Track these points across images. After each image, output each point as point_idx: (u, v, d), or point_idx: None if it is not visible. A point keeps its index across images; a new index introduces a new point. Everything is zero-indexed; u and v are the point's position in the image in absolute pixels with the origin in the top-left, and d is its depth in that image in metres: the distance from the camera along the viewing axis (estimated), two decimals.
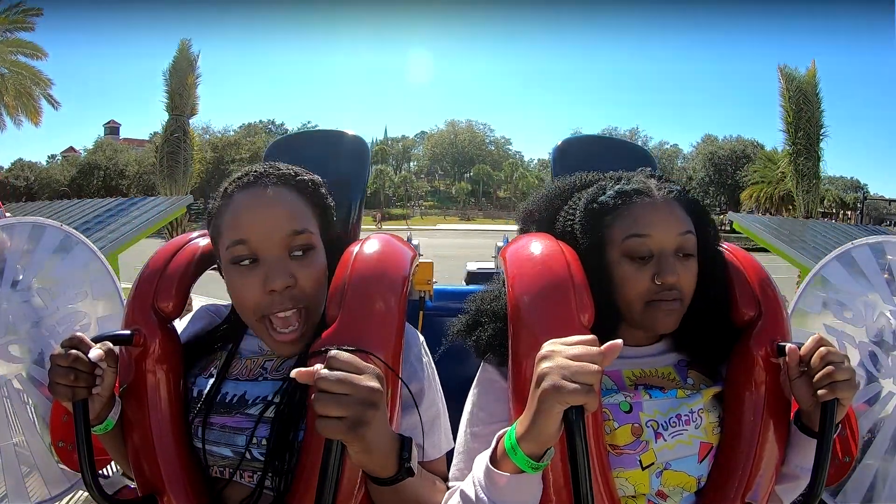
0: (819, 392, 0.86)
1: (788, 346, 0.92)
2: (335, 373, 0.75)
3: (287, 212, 0.97)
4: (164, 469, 0.97)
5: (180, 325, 1.13)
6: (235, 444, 0.97)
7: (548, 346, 0.80)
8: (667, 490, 0.96)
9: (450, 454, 1.06)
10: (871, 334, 1.19)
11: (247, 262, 0.96)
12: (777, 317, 1.00)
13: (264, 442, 0.95)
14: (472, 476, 0.89)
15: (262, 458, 0.95)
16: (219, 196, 1.02)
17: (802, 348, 0.89)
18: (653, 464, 0.95)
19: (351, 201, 1.30)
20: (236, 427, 0.98)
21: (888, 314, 1.18)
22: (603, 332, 0.94)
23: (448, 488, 1.00)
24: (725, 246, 1.12)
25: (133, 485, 1.05)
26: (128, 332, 0.99)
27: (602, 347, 0.77)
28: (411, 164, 55.28)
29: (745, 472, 0.94)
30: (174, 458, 0.98)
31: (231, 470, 0.98)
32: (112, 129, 46.58)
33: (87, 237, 1.41)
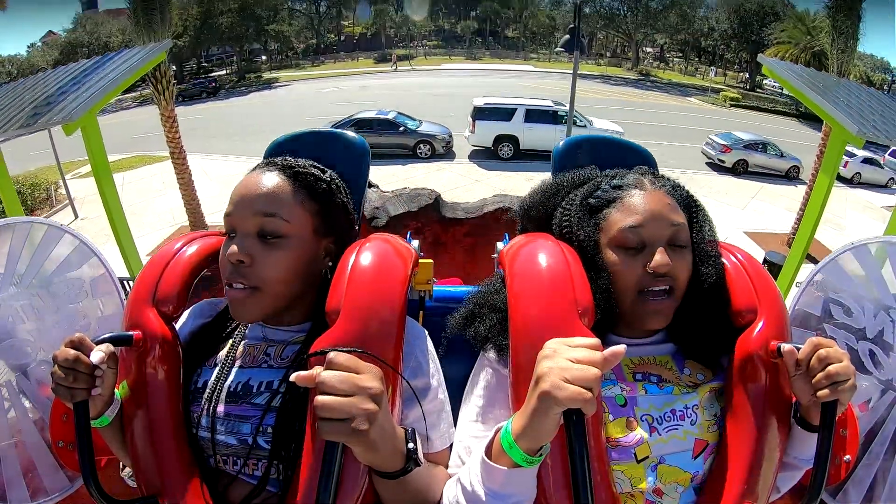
0: (819, 393, 0.86)
1: (785, 347, 0.93)
2: (335, 374, 0.76)
3: (265, 194, 1.03)
4: (165, 469, 0.98)
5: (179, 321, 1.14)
6: (241, 432, 0.99)
7: (549, 346, 0.81)
8: (663, 486, 0.97)
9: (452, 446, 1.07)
10: (871, 334, 1.19)
11: (229, 233, 1.02)
12: (777, 317, 1.01)
13: (270, 430, 0.97)
14: (468, 468, 0.91)
15: (267, 446, 0.97)
16: None
17: (800, 351, 0.90)
18: (647, 457, 0.97)
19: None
20: (242, 416, 1.00)
21: (888, 314, 1.18)
22: (600, 326, 0.97)
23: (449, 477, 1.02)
24: (726, 247, 1.14)
25: (134, 485, 1.06)
26: (128, 333, 1.00)
27: (605, 353, 0.78)
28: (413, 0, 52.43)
29: (746, 470, 0.95)
30: (176, 459, 0.99)
31: (235, 458, 1.00)
32: (90, 2, 43.51)
33: (62, 100, 1.39)
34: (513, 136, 16.63)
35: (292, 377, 0.78)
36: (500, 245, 1.32)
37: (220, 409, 1.01)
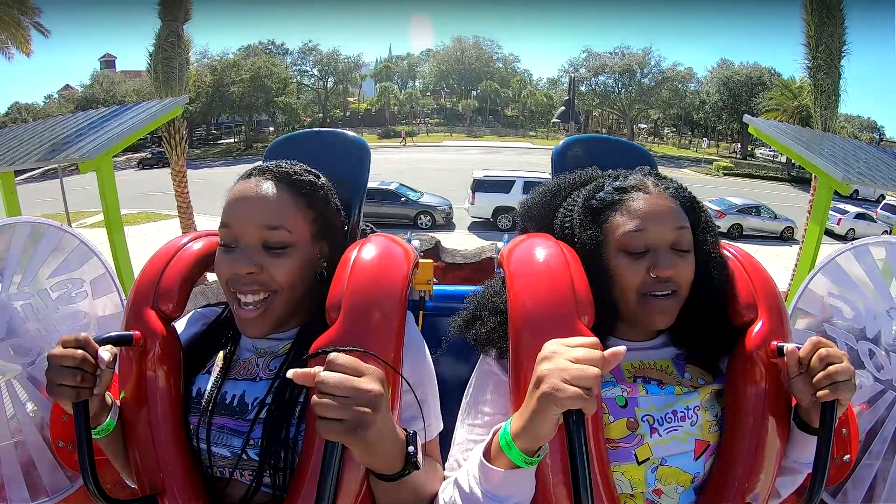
0: (819, 393, 0.86)
1: (788, 347, 0.92)
2: (335, 375, 0.76)
3: (267, 206, 1.02)
4: (164, 469, 0.97)
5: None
6: (232, 444, 0.99)
7: (549, 347, 0.81)
8: (663, 487, 0.96)
9: (443, 438, 1.07)
10: (871, 334, 1.19)
11: (228, 246, 1.01)
12: (777, 317, 1.01)
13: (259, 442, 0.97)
14: (466, 469, 0.90)
15: (258, 458, 0.96)
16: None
17: (801, 350, 0.90)
18: (648, 458, 0.96)
19: (350, 202, 1.32)
20: (234, 429, 0.99)
21: (888, 314, 1.18)
22: (601, 329, 0.96)
23: (445, 476, 1.00)
24: (725, 246, 1.14)
25: (133, 485, 1.04)
26: (128, 332, 1.00)
27: (605, 353, 0.78)
28: (416, 82, 53.90)
29: (745, 471, 0.94)
30: (175, 458, 0.98)
31: (230, 469, 0.99)
32: (108, 62, 45.42)
33: (80, 141, 1.40)
34: (512, 208, 16.63)
35: (289, 373, 0.77)
36: (500, 245, 1.32)
37: (216, 421, 1.01)
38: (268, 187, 1.04)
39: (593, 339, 0.82)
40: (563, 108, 11.46)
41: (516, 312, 0.95)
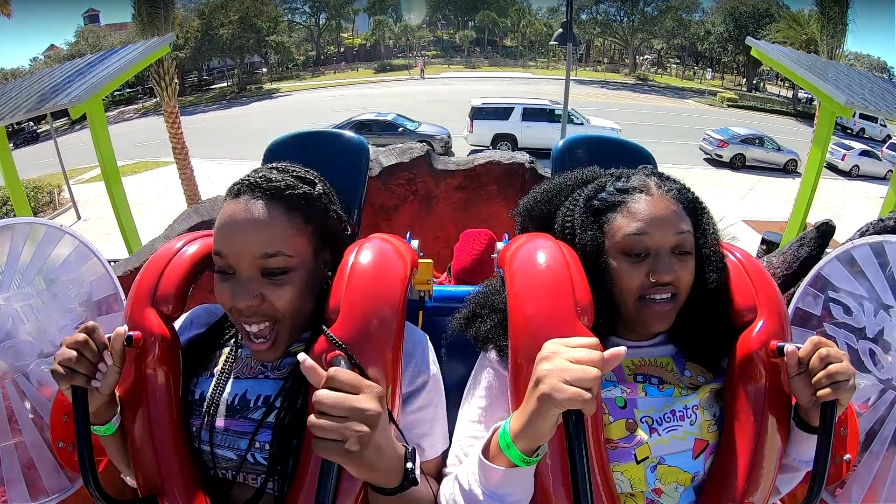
0: (819, 392, 0.86)
1: (788, 346, 0.92)
2: (332, 395, 0.75)
3: (261, 234, 0.96)
4: (164, 469, 0.98)
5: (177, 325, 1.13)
6: (238, 447, 0.99)
7: (549, 347, 0.81)
8: (663, 486, 0.97)
9: (445, 452, 1.07)
10: (871, 334, 1.19)
11: (225, 272, 0.97)
12: (777, 316, 1.01)
13: (267, 447, 0.97)
14: (466, 467, 0.92)
15: (265, 462, 0.97)
16: (222, 199, 1.03)
17: (801, 350, 0.90)
18: (647, 458, 0.97)
19: (349, 202, 1.30)
20: (239, 431, 0.99)
21: (888, 314, 1.18)
22: (600, 329, 0.96)
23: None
24: (725, 246, 1.13)
25: (134, 485, 1.06)
26: (128, 333, 0.99)
27: (605, 354, 0.78)
28: (411, 14, 51.91)
29: (746, 470, 0.95)
30: (175, 458, 0.99)
31: (234, 472, 0.99)
32: (91, 17, 43.80)
33: (68, 88, 1.38)
34: (511, 135, 16.75)
35: (300, 356, 0.79)
36: (500, 245, 1.32)
37: (219, 423, 1.01)
38: (260, 209, 0.97)
39: (593, 340, 0.82)
40: (560, 30, 10.97)
41: (516, 312, 0.95)
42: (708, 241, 1.06)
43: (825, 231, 1.55)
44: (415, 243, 1.34)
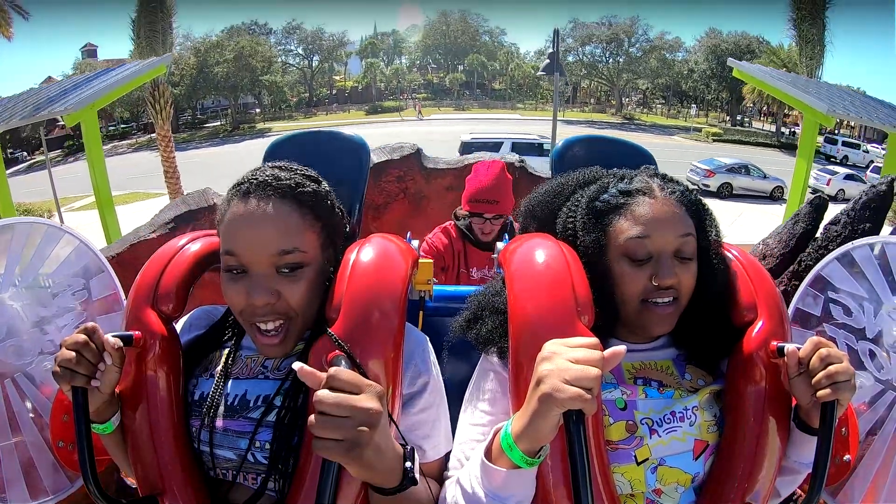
0: (819, 393, 0.86)
1: (788, 347, 0.93)
2: (334, 395, 0.75)
3: (277, 230, 0.96)
4: (164, 469, 0.97)
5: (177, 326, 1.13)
6: (237, 447, 0.98)
7: (549, 347, 0.81)
8: (663, 487, 0.97)
9: (448, 454, 1.06)
10: (871, 334, 1.20)
11: (236, 271, 0.97)
12: (777, 317, 1.01)
13: (267, 446, 0.96)
14: (468, 469, 0.91)
15: (265, 461, 0.96)
16: (225, 199, 1.02)
17: (802, 350, 0.90)
18: (647, 459, 0.97)
19: (350, 202, 1.30)
20: (239, 431, 0.99)
21: (888, 314, 1.19)
22: (601, 329, 0.96)
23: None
24: (726, 246, 1.14)
25: (134, 485, 1.04)
26: (128, 332, 0.99)
27: (605, 353, 0.78)
28: (403, 58, 53.12)
29: (745, 470, 0.95)
30: (175, 459, 0.98)
31: (234, 472, 0.98)
32: (90, 51, 43.63)
33: (64, 98, 1.39)
34: None
35: (295, 365, 0.78)
36: (499, 245, 1.31)
37: (219, 423, 1.00)
38: (273, 207, 0.96)
39: (593, 340, 0.81)
40: (547, 61, 11.12)
41: (516, 312, 0.95)
42: (710, 244, 1.06)
43: (818, 205, 1.57)
44: (415, 243, 1.34)
